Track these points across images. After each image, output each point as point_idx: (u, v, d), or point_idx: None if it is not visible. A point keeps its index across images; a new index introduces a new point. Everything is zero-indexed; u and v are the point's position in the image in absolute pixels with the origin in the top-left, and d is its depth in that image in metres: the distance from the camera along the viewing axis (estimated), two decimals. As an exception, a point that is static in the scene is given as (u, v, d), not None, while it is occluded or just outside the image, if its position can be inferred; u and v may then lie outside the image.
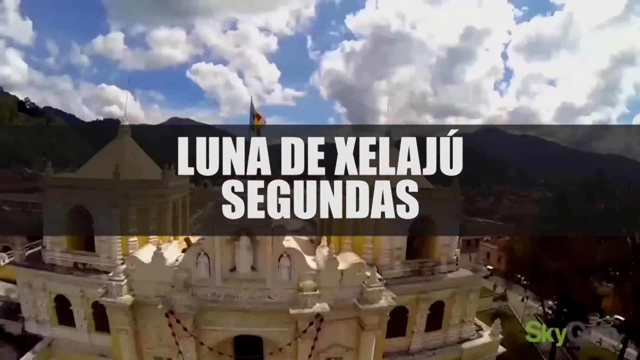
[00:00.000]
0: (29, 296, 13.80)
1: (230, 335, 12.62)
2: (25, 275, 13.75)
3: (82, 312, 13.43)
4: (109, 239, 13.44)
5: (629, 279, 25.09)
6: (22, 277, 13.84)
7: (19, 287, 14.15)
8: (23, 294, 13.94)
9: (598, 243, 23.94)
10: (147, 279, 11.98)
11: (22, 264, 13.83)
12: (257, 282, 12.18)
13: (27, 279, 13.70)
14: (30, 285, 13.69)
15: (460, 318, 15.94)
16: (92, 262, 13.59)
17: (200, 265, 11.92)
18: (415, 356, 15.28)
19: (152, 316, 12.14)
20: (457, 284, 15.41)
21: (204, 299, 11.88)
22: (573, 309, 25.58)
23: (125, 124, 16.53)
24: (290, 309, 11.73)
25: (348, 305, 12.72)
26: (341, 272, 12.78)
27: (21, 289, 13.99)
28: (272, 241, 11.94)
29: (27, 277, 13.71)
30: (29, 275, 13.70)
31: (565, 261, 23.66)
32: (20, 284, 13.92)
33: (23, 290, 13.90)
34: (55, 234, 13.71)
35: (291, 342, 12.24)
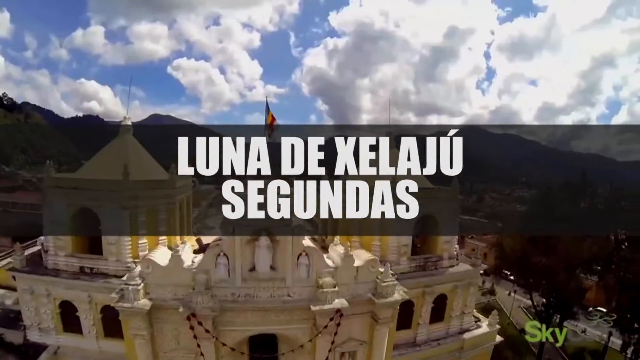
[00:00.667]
0: (31, 303, 13.15)
1: (249, 334, 12.74)
2: (27, 282, 13.08)
3: (91, 318, 12.99)
4: (118, 242, 13.10)
5: (612, 272, 27.27)
6: (23, 283, 13.15)
7: (20, 294, 13.42)
8: (24, 301, 13.24)
9: (583, 239, 25.91)
10: (163, 282, 11.84)
11: (23, 270, 13.13)
12: (277, 281, 12.39)
13: (28, 285, 13.04)
14: (32, 292, 13.04)
15: (461, 310, 16.91)
16: (100, 266, 13.19)
17: (219, 266, 11.96)
18: (421, 347, 16.05)
19: (168, 320, 12.03)
20: (459, 278, 16.35)
21: (223, 300, 11.92)
22: (560, 302, 27.43)
23: (127, 123, 16.07)
24: (312, 306, 12.04)
25: (363, 300, 13.21)
26: (356, 268, 13.26)
27: (22, 296, 13.29)
28: (292, 240, 12.18)
29: (29, 283, 13.06)
30: (30, 282, 13.05)
31: (553, 256, 25.40)
32: (21, 290, 13.21)
33: (24, 297, 13.21)
34: (58, 237, 13.13)
35: (311, 339, 12.52)
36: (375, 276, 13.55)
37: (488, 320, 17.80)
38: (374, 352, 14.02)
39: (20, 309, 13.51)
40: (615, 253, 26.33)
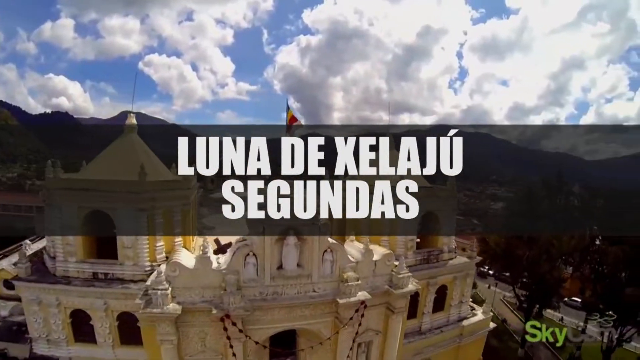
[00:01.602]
0: (38, 314, 12.31)
1: (276, 331, 13.02)
2: (34, 291, 12.22)
3: (106, 327, 12.46)
4: (134, 245, 12.73)
5: (588, 264, 30.53)
6: (29, 293, 12.25)
7: (26, 305, 12.47)
8: (31, 311, 12.34)
9: (563, 234, 28.86)
10: (191, 285, 11.77)
11: (30, 279, 12.23)
12: (303, 278, 12.82)
13: (36, 295, 12.20)
14: (39, 302, 12.22)
15: (459, 299, 18.39)
16: (116, 271, 12.71)
17: (248, 265, 12.14)
18: (426, 335, 17.25)
19: (194, 322, 11.96)
20: (458, 269, 17.80)
21: (252, 299, 12.12)
22: (541, 293, 30.22)
23: (132, 121, 15.41)
24: (339, 299, 12.63)
25: (380, 292, 14.06)
26: (375, 262, 14.09)
27: (28, 307, 12.36)
28: (319, 238, 12.69)
29: (37, 292, 12.21)
30: (38, 291, 12.22)
31: (536, 249, 28.03)
32: (27, 301, 12.29)
33: (31, 308, 12.31)
34: (68, 242, 12.44)
35: (338, 331, 13.07)
36: (391, 269, 14.49)
37: (482, 309, 19.50)
38: (389, 340, 14.94)
39: (21, 320, 12.52)
40: (591, 246, 29.66)
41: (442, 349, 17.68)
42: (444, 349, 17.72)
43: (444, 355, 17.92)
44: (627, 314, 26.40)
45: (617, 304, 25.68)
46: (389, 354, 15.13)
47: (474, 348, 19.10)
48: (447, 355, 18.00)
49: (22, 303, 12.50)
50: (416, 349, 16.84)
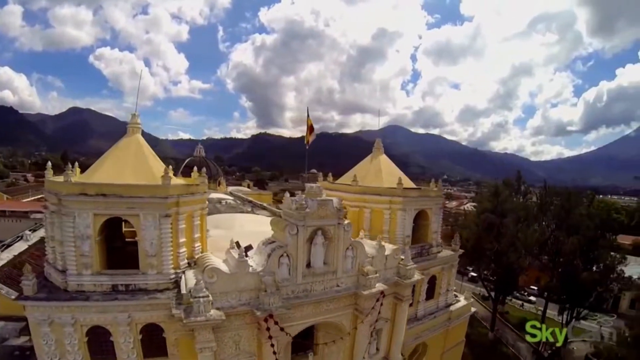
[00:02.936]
0: (50, 335, 11.15)
1: (305, 326, 13.69)
2: (45, 311, 11.04)
3: (130, 341, 11.76)
4: (159, 253, 12.33)
5: (546, 254, 35.49)
6: (39, 313, 11.05)
7: (34, 327, 11.16)
8: (41, 334, 11.11)
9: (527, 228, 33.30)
10: (228, 289, 11.92)
11: (40, 297, 11.02)
12: (329, 274, 13.76)
13: (47, 315, 11.03)
14: (51, 322, 11.07)
15: (446, 288, 20.82)
16: (138, 281, 12.15)
17: (282, 266, 12.70)
18: (422, 320, 19.23)
19: (230, 326, 12.08)
20: (445, 261, 20.21)
21: (286, 298, 12.67)
22: (506, 281, 34.39)
23: (137, 121, 14.71)
24: (363, 291, 13.79)
25: (390, 283, 15.59)
26: (386, 256, 15.58)
27: (37, 328, 11.11)
28: (343, 236, 13.75)
29: (48, 312, 11.05)
30: (50, 310, 11.06)
31: (503, 242, 32.04)
32: (37, 322, 11.06)
33: (40, 330, 11.09)
34: (83, 254, 11.57)
35: (362, 321, 14.17)
36: (398, 262, 16.13)
37: (464, 295, 22.23)
38: (397, 327, 16.53)
39: (22, 343, 11.17)
40: (549, 239, 34.69)
41: (435, 333, 19.81)
42: (436, 332, 19.88)
43: (436, 338, 20.10)
44: (582, 295, 31.57)
45: (574, 288, 30.65)
46: (397, 339, 16.68)
47: (459, 330, 21.69)
48: (438, 337, 20.22)
49: (29, 325, 11.17)
50: (415, 334, 18.67)
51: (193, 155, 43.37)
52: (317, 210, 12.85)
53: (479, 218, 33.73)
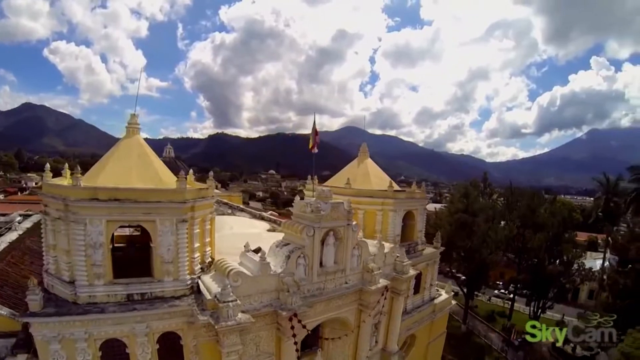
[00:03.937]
0: (60, 353, 10.32)
1: (318, 322, 14.38)
2: (55, 327, 10.23)
3: (148, 352, 11.36)
4: (175, 260, 12.18)
5: (513, 250, 38.97)
6: (48, 330, 10.19)
7: (41, 345, 10.23)
8: (50, 352, 10.23)
9: (497, 226, 36.54)
10: (251, 292, 12.23)
11: (49, 312, 10.17)
12: (339, 272, 14.65)
13: (57, 331, 10.24)
14: (61, 339, 10.29)
15: (430, 282, 22.73)
16: (154, 289, 11.85)
17: (299, 266, 13.29)
18: (411, 313, 20.79)
19: (251, 328, 12.28)
20: (429, 258, 22.13)
21: (304, 296, 13.24)
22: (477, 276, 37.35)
23: (136, 121, 14.28)
24: (370, 287, 14.85)
25: (390, 278, 16.90)
26: (385, 254, 16.88)
27: (46, 347, 10.22)
28: (351, 236, 14.74)
29: (58, 328, 10.25)
30: (60, 326, 10.29)
31: (475, 240, 34.97)
32: (46, 340, 10.19)
33: (50, 348, 10.23)
34: (94, 263, 11.02)
35: (370, 314, 15.17)
36: (394, 259, 17.53)
37: (445, 290, 24.36)
38: (393, 320, 17.90)
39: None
40: (516, 237, 38.42)
41: (422, 325, 21.52)
42: (423, 324, 21.59)
43: (423, 330, 21.82)
44: (547, 286, 35.52)
45: (540, 281, 34.39)
46: (393, 331, 18.00)
47: (442, 322, 23.74)
48: (425, 329, 21.97)
49: (35, 343, 10.19)
50: (407, 326, 20.15)
51: (162, 155, 41.36)
52: (330, 212, 13.71)
53: (452, 217, 36.90)
